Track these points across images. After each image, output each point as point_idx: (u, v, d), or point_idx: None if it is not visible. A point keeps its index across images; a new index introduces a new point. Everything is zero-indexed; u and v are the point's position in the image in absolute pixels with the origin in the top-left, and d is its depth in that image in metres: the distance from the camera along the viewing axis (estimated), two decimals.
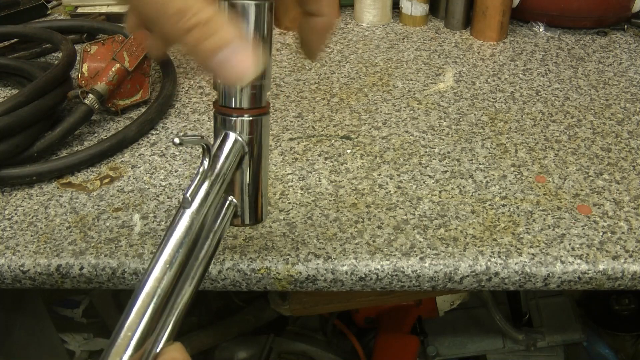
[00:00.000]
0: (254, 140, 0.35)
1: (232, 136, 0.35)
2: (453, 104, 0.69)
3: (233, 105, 0.34)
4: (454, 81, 0.73)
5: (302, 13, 0.37)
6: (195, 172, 0.33)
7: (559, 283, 0.48)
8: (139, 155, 0.61)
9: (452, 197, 0.55)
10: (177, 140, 0.32)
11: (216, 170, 0.34)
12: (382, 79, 0.74)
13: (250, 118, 0.34)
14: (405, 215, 0.53)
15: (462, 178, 0.57)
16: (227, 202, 0.36)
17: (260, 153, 0.36)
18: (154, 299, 0.30)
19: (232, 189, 0.36)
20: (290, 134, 0.64)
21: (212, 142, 0.34)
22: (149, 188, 0.57)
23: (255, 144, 0.35)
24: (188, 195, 0.32)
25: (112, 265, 0.49)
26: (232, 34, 0.29)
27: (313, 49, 0.39)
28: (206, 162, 0.33)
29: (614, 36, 0.84)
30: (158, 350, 0.30)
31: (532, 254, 0.49)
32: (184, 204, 0.32)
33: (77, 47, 0.74)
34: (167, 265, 0.30)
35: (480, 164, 0.59)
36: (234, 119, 0.34)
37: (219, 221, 0.35)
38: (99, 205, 0.55)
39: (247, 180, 0.36)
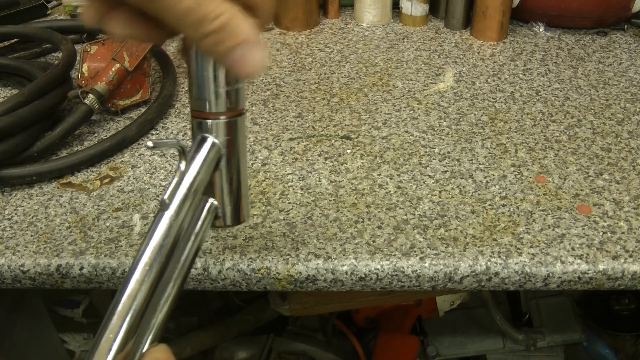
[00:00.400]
0: (231, 141, 0.35)
1: (208, 138, 0.35)
2: (453, 104, 0.69)
3: (208, 110, 0.34)
4: (454, 81, 0.73)
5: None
6: (173, 175, 0.34)
7: (559, 283, 0.48)
8: (139, 155, 0.61)
9: (452, 197, 0.55)
10: (150, 143, 0.32)
11: (193, 173, 0.34)
12: (382, 79, 0.74)
13: (226, 120, 0.35)
14: (405, 215, 0.53)
15: (462, 178, 0.57)
16: (208, 204, 0.36)
17: (238, 154, 0.36)
18: (135, 302, 0.30)
19: (212, 191, 0.36)
20: (290, 134, 0.64)
21: (187, 145, 0.34)
22: (149, 188, 0.57)
23: (232, 145, 0.36)
24: (165, 198, 0.33)
25: (112, 265, 0.49)
26: (246, 34, 0.30)
27: None
28: (182, 165, 0.34)
29: (614, 36, 0.84)
30: (143, 351, 0.30)
31: (532, 254, 0.49)
32: (162, 207, 0.33)
33: (77, 47, 0.74)
34: (147, 268, 0.31)
35: (480, 164, 0.59)
36: (209, 121, 0.35)
37: (199, 223, 0.35)
38: (99, 205, 0.55)
39: (226, 181, 0.37)
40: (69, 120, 0.61)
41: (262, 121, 0.66)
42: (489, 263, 0.48)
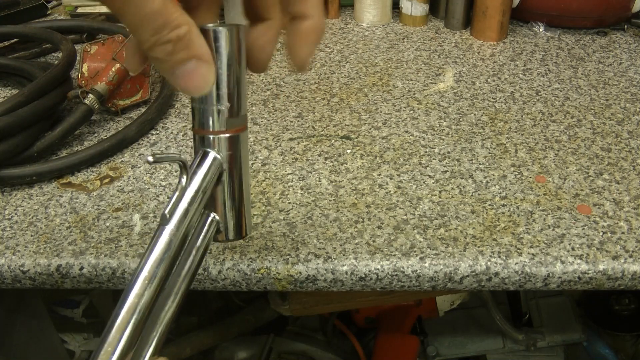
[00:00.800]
0: (233, 156, 0.36)
1: (210, 153, 0.35)
2: (453, 104, 0.69)
3: (210, 127, 0.35)
4: (454, 81, 0.73)
5: (288, 17, 0.36)
6: (174, 190, 0.34)
7: (559, 283, 0.48)
8: (139, 155, 0.61)
9: (452, 197, 0.55)
10: (151, 158, 0.32)
11: (195, 187, 0.34)
12: (382, 79, 0.74)
13: (228, 135, 0.35)
14: (405, 215, 0.53)
15: (462, 178, 0.57)
16: (209, 218, 0.37)
17: (240, 169, 0.37)
18: (135, 316, 0.30)
19: (214, 206, 0.37)
20: (290, 134, 0.64)
21: (188, 160, 0.35)
22: (149, 188, 0.57)
23: (234, 160, 0.36)
24: (166, 212, 0.33)
25: (112, 265, 0.49)
26: (201, 50, 0.31)
27: (301, 57, 0.37)
28: (184, 180, 0.34)
29: (614, 36, 0.84)
30: None
31: (532, 254, 0.49)
32: (162, 222, 0.33)
33: (77, 47, 0.74)
34: (147, 282, 0.31)
35: (480, 164, 0.59)
36: (212, 137, 0.35)
37: (201, 238, 0.36)
38: (99, 205, 0.55)
39: (228, 196, 0.37)
40: (69, 120, 0.61)
41: (262, 121, 0.66)
42: (489, 263, 0.48)
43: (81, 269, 0.49)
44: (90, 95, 0.63)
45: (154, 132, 0.65)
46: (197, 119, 0.35)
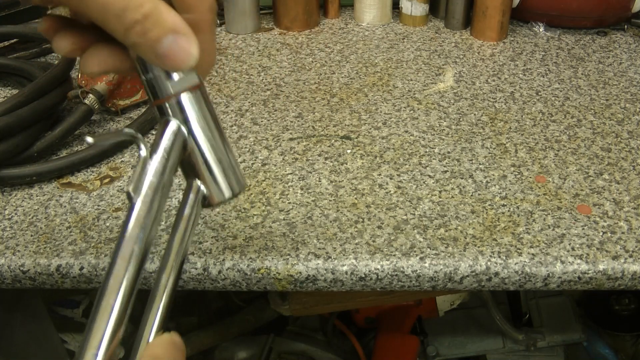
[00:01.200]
0: (195, 116, 0.35)
1: (170, 120, 0.34)
2: (453, 104, 0.69)
3: (162, 94, 0.34)
4: (454, 81, 0.73)
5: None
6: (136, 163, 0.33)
7: (559, 283, 0.48)
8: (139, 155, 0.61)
9: (452, 197, 0.55)
10: (90, 140, 0.31)
11: (158, 157, 0.33)
12: (382, 79, 0.74)
13: (183, 96, 0.34)
14: (405, 215, 0.53)
15: (462, 178, 0.57)
16: (193, 185, 0.36)
17: (208, 127, 0.35)
18: (119, 296, 0.29)
19: (194, 171, 0.36)
20: (290, 134, 0.64)
21: (138, 133, 0.34)
22: None
23: (197, 119, 0.35)
24: (130, 190, 0.32)
25: None
26: (173, 23, 0.30)
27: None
28: (142, 152, 0.33)
29: (614, 36, 0.84)
30: (149, 340, 0.30)
31: (532, 254, 0.49)
32: (129, 198, 0.32)
33: None
34: (123, 262, 0.30)
35: (480, 164, 0.59)
36: (167, 103, 0.34)
37: (188, 206, 0.35)
38: (99, 205, 0.55)
39: (201, 158, 0.35)
40: (69, 120, 0.61)
41: (262, 121, 0.66)
42: (489, 263, 0.48)
43: (81, 269, 0.49)
44: (90, 95, 0.63)
45: (154, 132, 0.65)
46: (150, 92, 0.34)
